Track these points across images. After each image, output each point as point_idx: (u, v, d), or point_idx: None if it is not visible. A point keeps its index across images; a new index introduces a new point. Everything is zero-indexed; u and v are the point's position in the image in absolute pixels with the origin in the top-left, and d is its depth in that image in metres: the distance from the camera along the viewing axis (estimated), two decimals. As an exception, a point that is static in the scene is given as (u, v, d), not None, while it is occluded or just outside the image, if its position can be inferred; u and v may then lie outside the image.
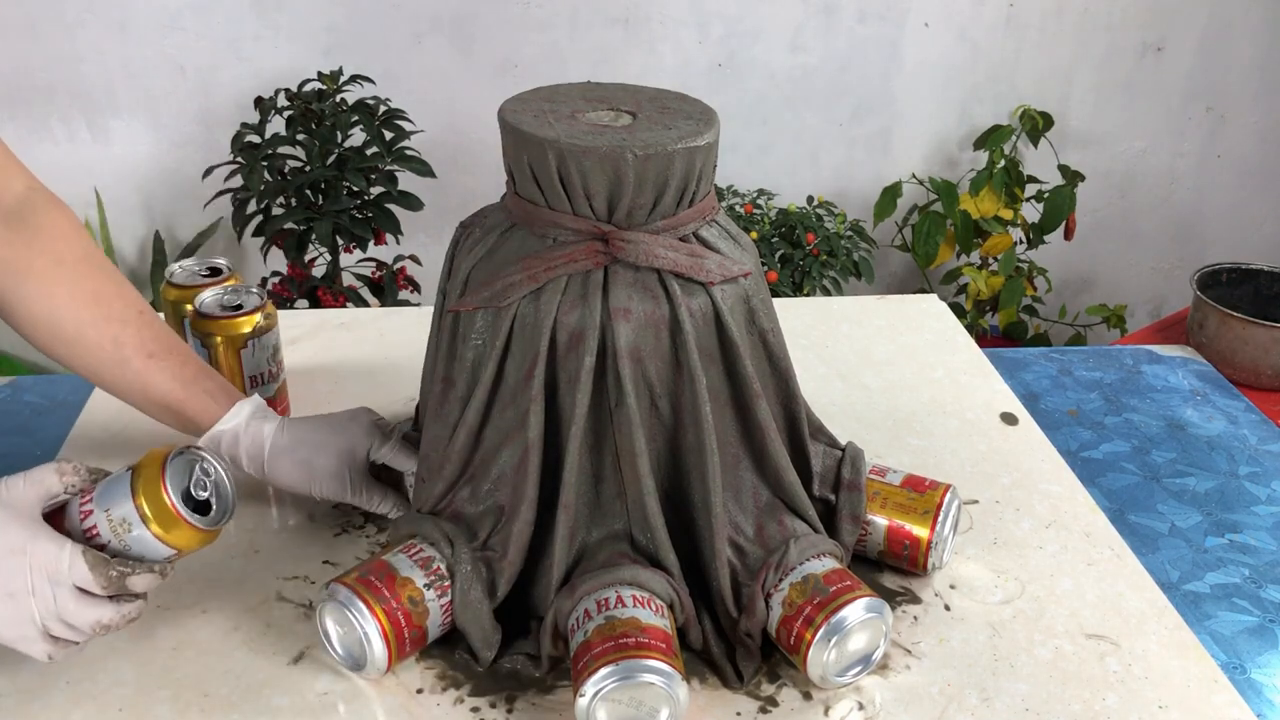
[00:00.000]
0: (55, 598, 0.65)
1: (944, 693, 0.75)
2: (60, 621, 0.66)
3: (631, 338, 0.73)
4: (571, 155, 0.72)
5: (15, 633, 0.66)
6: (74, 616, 0.66)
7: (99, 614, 0.67)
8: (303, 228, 2.04)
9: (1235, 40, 2.43)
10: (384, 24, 2.23)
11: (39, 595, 0.65)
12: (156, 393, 0.81)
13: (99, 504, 0.68)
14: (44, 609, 0.65)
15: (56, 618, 0.66)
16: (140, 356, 0.80)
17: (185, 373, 0.82)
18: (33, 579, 0.65)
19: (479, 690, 0.74)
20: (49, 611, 0.66)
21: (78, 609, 0.66)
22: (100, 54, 2.18)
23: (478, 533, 0.77)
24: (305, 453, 0.82)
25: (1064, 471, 1.00)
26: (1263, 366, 1.38)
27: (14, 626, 0.66)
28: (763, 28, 2.32)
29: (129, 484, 0.68)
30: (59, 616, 0.66)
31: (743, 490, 0.79)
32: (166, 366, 0.81)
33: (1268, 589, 0.94)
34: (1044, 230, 2.37)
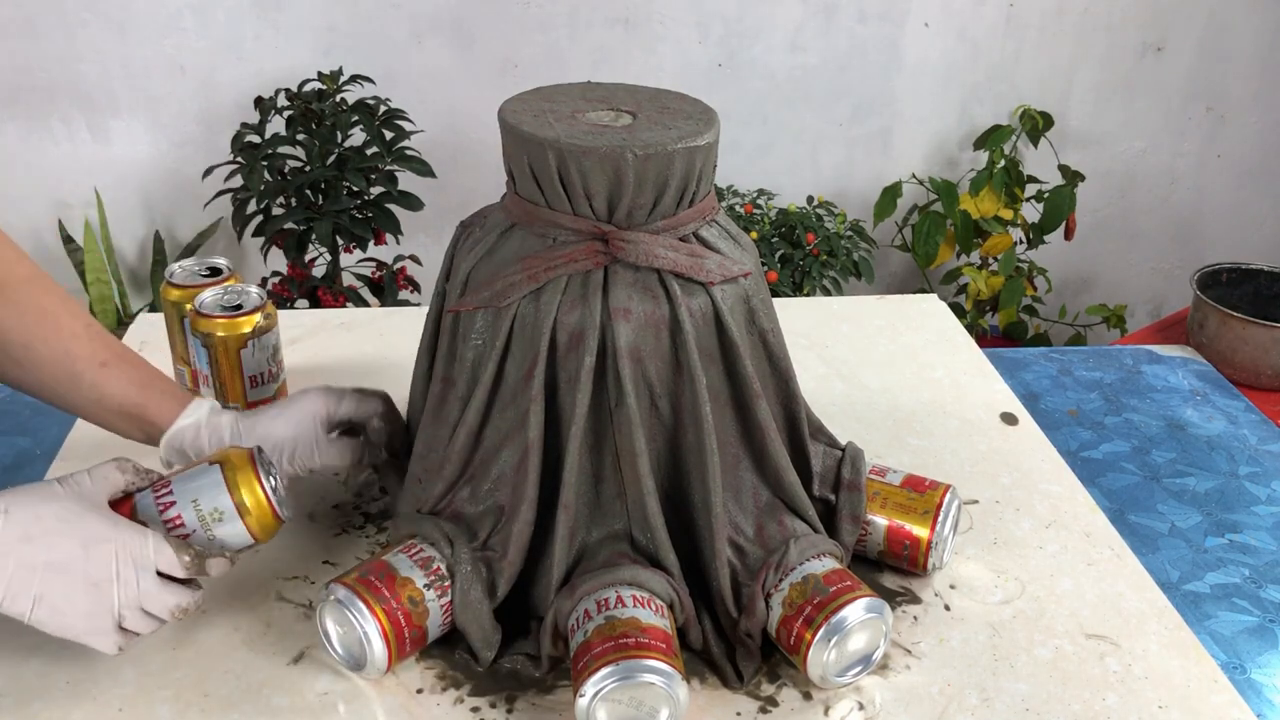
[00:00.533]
0: (139, 583, 0.68)
1: (944, 693, 0.75)
2: (138, 609, 0.69)
3: (631, 338, 0.73)
4: (571, 155, 0.72)
5: (90, 625, 0.68)
6: (154, 602, 0.69)
7: (179, 598, 0.70)
8: (303, 228, 2.04)
9: (1235, 40, 2.43)
10: (384, 24, 2.23)
11: (123, 582, 0.68)
12: (113, 401, 0.82)
13: (182, 496, 0.73)
14: (127, 596, 0.68)
15: (136, 605, 0.69)
16: (93, 367, 0.81)
17: (139, 377, 0.82)
18: (118, 566, 0.68)
19: (479, 690, 0.74)
20: (131, 599, 0.68)
21: (159, 593, 0.69)
22: (100, 54, 2.18)
23: (478, 533, 0.77)
24: (263, 429, 0.82)
25: (1064, 471, 1.00)
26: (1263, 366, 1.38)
27: (91, 618, 0.68)
28: (763, 28, 2.32)
29: (221, 479, 0.73)
30: (139, 603, 0.69)
31: (743, 490, 0.79)
32: (120, 373, 0.82)
33: (1268, 589, 0.94)
34: (1044, 230, 2.37)
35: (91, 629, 0.68)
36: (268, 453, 0.80)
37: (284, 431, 0.82)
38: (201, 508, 0.73)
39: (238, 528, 0.73)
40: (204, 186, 2.12)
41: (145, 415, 0.82)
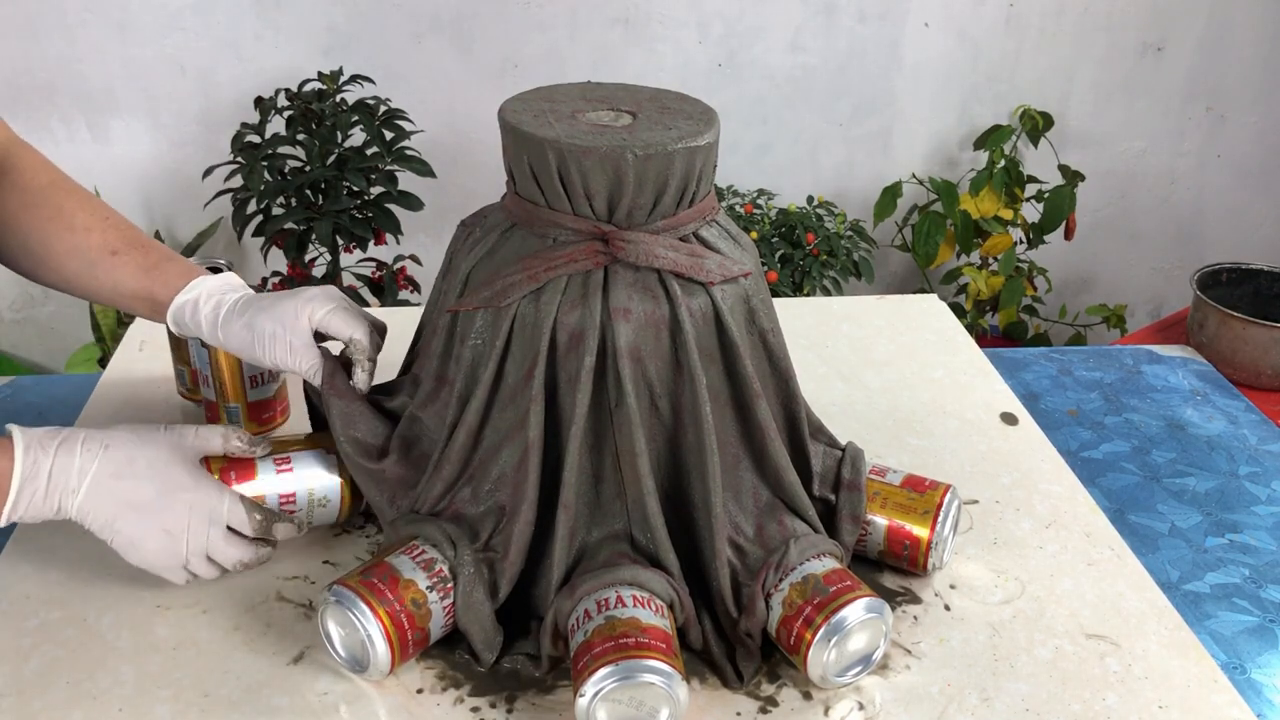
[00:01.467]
0: (208, 535, 0.76)
1: (944, 693, 0.75)
2: (204, 557, 0.77)
3: (631, 338, 0.73)
4: (572, 155, 0.72)
5: (160, 561, 0.76)
6: (220, 553, 0.77)
7: (242, 554, 0.78)
8: (303, 228, 2.04)
9: (1235, 40, 2.43)
10: (384, 24, 2.23)
11: (194, 533, 0.76)
12: (126, 286, 0.86)
13: (300, 479, 0.83)
14: (195, 545, 0.76)
15: (203, 553, 0.76)
16: (105, 256, 0.85)
17: (148, 261, 0.86)
18: (191, 518, 0.75)
19: (479, 690, 0.74)
20: (198, 548, 0.76)
21: (225, 547, 0.77)
22: (100, 54, 2.18)
23: (479, 533, 0.77)
24: (250, 315, 0.84)
25: (1064, 471, 1.00)
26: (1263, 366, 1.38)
27: (161, 556, 0.76)
28: (763, 28, 2.32)
29: (336, 469, 0.84)
30: (206, 552, 0.76)
31: (743, 490, 0.79)
32: (130, 259, 0.86)
33: (1268, 589, 0.94)
34: (1044, 230, 2.37)
35: (162, 565, 0.76)
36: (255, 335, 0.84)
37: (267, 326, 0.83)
38: (315, 491, 0.83)
39: (331, 513, 0.85)
40: (204, 186, 2.12)
41: (153, 296, 0.86)
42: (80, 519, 0.74)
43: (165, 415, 1.04)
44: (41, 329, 2.41)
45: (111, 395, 1.07)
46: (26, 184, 0.85)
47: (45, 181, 0.86)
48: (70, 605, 0.80)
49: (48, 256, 0.85)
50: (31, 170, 0.86)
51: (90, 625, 0.79)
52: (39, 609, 0.80)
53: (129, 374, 1.11)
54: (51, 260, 0.85)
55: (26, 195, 0.85)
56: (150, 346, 1.15)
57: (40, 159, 0.88)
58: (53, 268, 0.86)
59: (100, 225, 0.86)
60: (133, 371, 1.11)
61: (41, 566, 0.84)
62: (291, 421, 1.03)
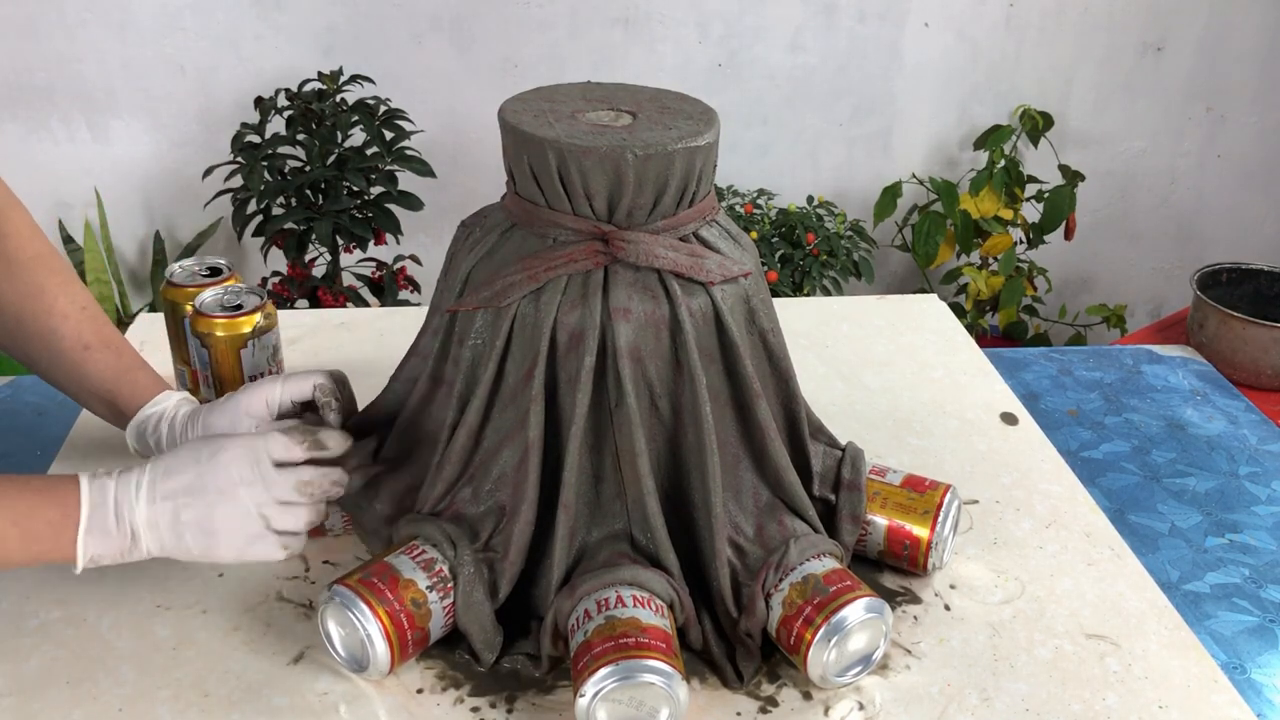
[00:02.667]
0: (262, 477, 0.71)
1: (944, 693, 0.75)
2: (275, 503, 0.72)
3: (631, 338, 0.73)
4: (572, 155, 0.72)
5: (243, 532, 0.71)
6: (282, 489, 0.72)
7: (304, 475, 0.73)
8: (303, 228, 2.04)
9: (1235, 40, 2.43)
10: (384, 24, 2.23)
11: (247, 481, 0.71)
12: (90, 384, 0.84)
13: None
14: (255, 494, 0.71)
15: (271, 499, 0.71)
16: (76, 349, 0.84)
17: (119, 364, 0.85)
18: (236, 468, 0.71)
19: (479, 690, 0.74)
20: (261, 496, 0.71)
21: (283, 480, 0.72)
22: (100, 54, 2.18)
23: (479, 533, 0.77)
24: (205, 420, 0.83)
25: (1064, 471, 1.00)
26: (1263, 366, 1.38)
27: (238, 525, 0.71)
28: (763, 28, 2.32)
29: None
30: (273, 496, 0.71)
31: (743, 490, 0.79)
32: (101, 359, 0.84)
33: (1268, 589, 0.94)
34: (1044, 230, 2.37)
35: (246, 537, 0.71)
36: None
37: (220, 422, 0.82)
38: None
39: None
40: (204, 186, 2.12)
41: (116, 402, 0.84)
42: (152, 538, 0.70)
43: (165, 415, 1.04)
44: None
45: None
46: (12, 253, 0.83)
47: (31, 254, 0.84)
48: (70, 605, 0.80)
49: (17, 331, 0.83)
50: (18, 238, 0.84)
51: (90, 625, 0.78)
52: (39, 609, 0.80)
53: (129, 374, 1.11)
54: (20, 336, 0.83)
55: (11, 266, 0.82)
56: (150, 347, 1.14)
57: (31, 226, 0.85)
58: (20, 343, 0.84)
59: (77, 315, 0.84)
60: (133, 371, 1.11)
61: (42, 567, 0.84)
62: (291, 421, 1.03)
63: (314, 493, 0.73)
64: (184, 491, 0.70)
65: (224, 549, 0.71)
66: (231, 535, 0.71)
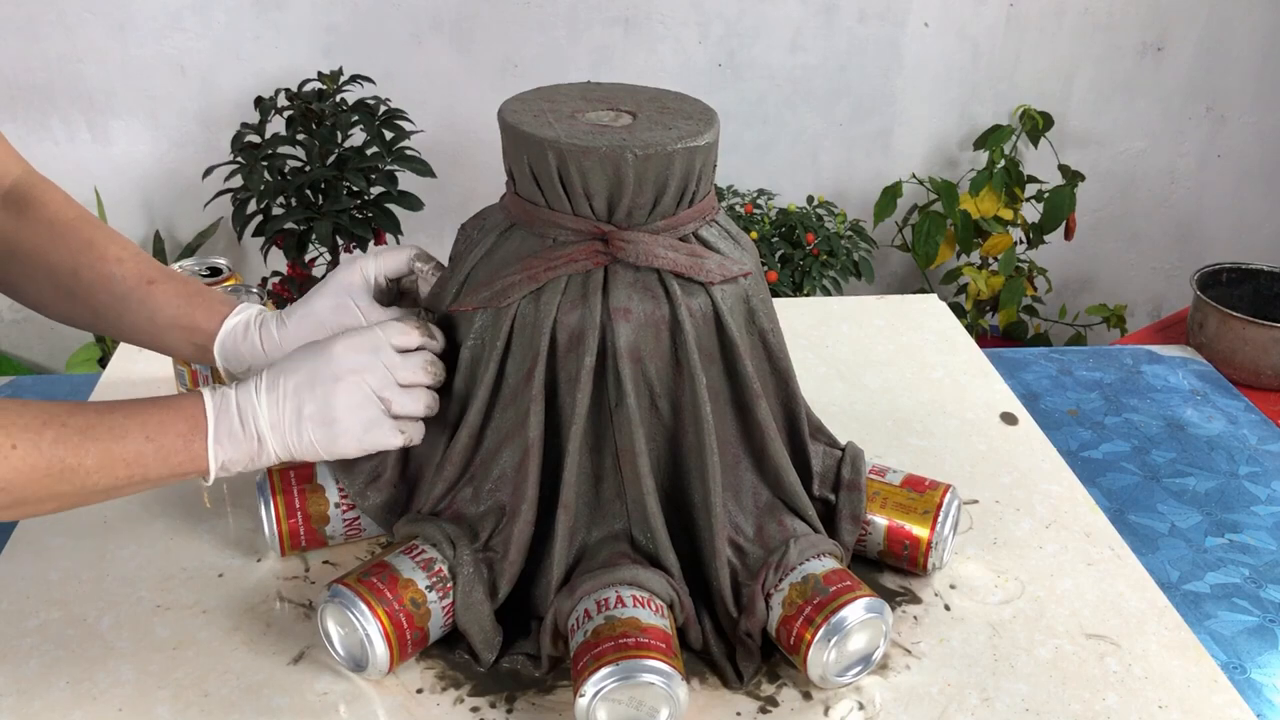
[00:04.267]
0: (383, 364, 0.73)
1: (944, 693, 0.75)
2: (395, 386, 0.73)
3: (631, 338, 0.73)
4: (571, 155, 0.72)
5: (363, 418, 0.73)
6: (405, 371, 0.74)
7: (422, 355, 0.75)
8: (303, 228, 2.04)
9: (1235, 40, 2.43)
10: (384, 24, 2.23)
11: (367, 368, 0.73)
12: (163, 316, 0.83)
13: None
14: (377, 378, 0.73)
15: (392, 382, 0.73)
16: (140, 286, 0.83)
17: (187, 289, 0.84)
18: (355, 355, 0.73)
19: (479, 690, 0.74)
20: (382, 379, 0.73)
21: (405, 362, 0.74)
22: (100, 54, 2.18)
23: (479, 533, 0.77)
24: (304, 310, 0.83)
25: (1064, 471, 1.00)
26: (1263, 366, 1.38)
27: (359, 411, 0.72)
28: (763, 28, 2.32)
29: None
30: (394, 379, 0.73)
31: (743, 490, 0.79)
32: (167, 289, 0.83)
33: (1268, 589, 0.94)
34: (1044, 230, 2.37)
35: (364, 423, 0.73)
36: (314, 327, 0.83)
37: (324, 304, 0.82)
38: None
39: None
40: (204, 186, 2.12)
41: (195, 324, 0.83)
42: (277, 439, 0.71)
43: (165, 415, 1.04)
44: (41, 329, 2.41)
45: (111, 395, 1.07)
46: (53, 217, 0.84)
47: (73, 215, 0.84)
48: (70, 605, 0.80)
49: (77, 288, 0.83)
50: (56, 205, 0.85)
51: (90, 625, 0.79)
52: (39, 609, 0.80)
53: (129, 374, 1.11)
54: (81, 291, 0.83)
55: (55, 228, 0.83)
56: (150, 346, 1.15)
57: (64, 195, 0.86)
58: (81, 299, 0.83)
59: (134, 257, 0.84)
60: (133, 371, 1.11)
61: (41, 566, 0.84)
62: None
63: (436, 373, 0.76)
64: (303, 386, 0.72)
65: (343, 438, 0.72)
66: (350, 422, 0.72)
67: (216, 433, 0.70)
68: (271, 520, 0.82)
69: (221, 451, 0.71)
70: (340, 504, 0.83)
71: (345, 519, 0.84)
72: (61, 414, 0.67)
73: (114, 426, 0.68)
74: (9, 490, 0.64)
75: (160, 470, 0.69)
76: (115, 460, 0.67)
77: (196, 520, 0.89)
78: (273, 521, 0.82)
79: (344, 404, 0.72)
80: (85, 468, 0.66)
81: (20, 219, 0.83)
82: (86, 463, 0.66)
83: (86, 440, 0.66)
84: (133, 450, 0.68)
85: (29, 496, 0.65)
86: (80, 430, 0.66)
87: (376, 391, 0.73)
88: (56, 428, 0.66)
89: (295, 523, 0.82)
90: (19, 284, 0.85)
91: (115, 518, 0.89)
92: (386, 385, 0.73)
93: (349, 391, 0.72)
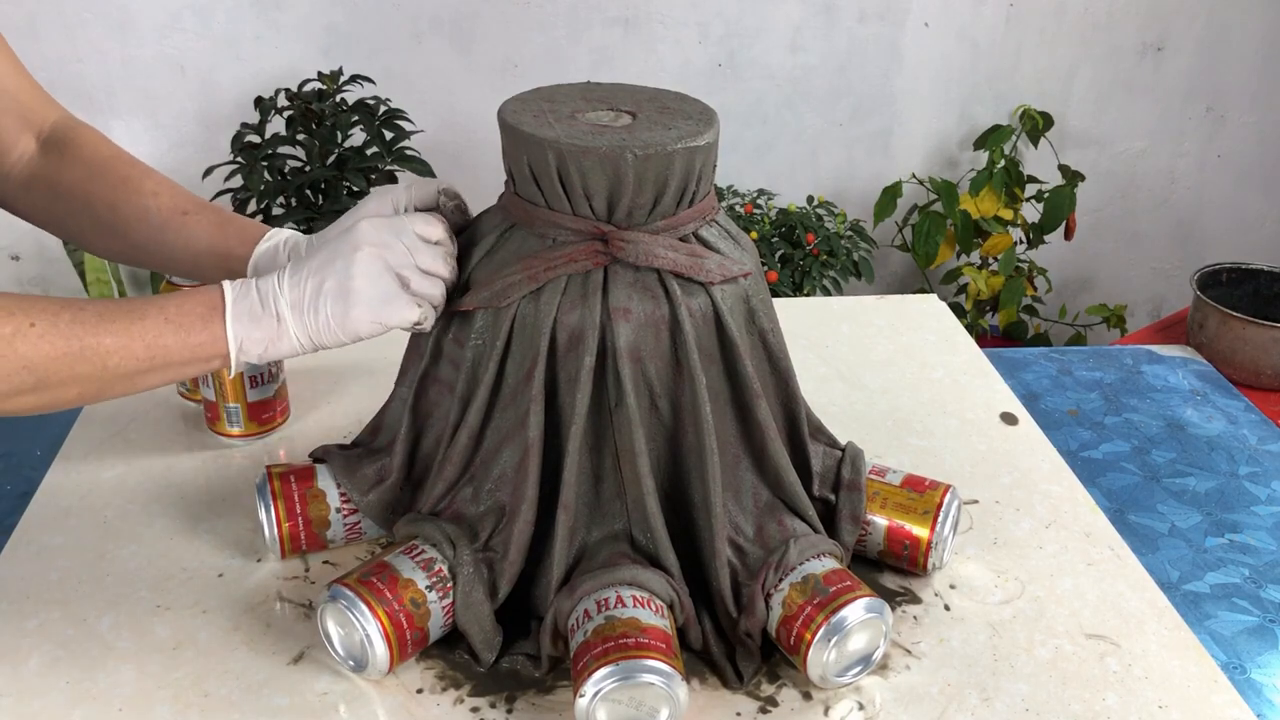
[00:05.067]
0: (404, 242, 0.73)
1: (944, 693, 0.75)
2: (415, 269, 0.74)
3: (631, 338, 0.73)
4: (571, 155, 0.72)
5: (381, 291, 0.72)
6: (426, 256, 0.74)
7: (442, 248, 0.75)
8: (303, 228, 2.04)
9: (1235, 40, 2.43)
10: (384, 24, 2.23)
11: (389, 246, 0.73)
12: (199, 243, 0.85)
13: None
14: (397, 256, 0.73)
15: (412, 264, 0.74)
16: (175, 216, 0.85)
17: (221, 218, 0.86)
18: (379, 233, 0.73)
19: (479, 690, 0.74)
20: (403, 258, 0.73)
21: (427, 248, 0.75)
22: (100, 54, 2.18)
23: (479, 533, 0.77)
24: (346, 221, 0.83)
25: (1064, 471, 1.00)
26: (1263, 366, 1.38)
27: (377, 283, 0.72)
28: (763, 28, 2.32)
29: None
30: (414, 261, 0.74)
31: (743, 490, 0.79)
32: (202, 218, 0.86)
33: (1268, 589, 0.94)
34: (1044, 230, 2.37)
35: (383, 295, 0.72)
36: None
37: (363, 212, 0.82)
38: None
39: None
40: (204, 186, 2.11)
41: (229, 250, 0.85)
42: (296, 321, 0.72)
43: (164, 415, 1.04)
44: (41, 329, 2.41)
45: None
46: (90, 156, 0.86)
47: (109, 153, 0.87)
48: (70, 605, 0.80)
49: (115, 222, 0.85)
50: (93, 144, 0.87)
51: (90, 625, 0.79)
52: (39, 609, 0.80)
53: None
54: (119, 225, 0.85)
55: (92, 166, 0.86)
56: (150, 346, 1.14)
57: (100, 135, 0.89)
58: (120, 233, 0.86)
59: (169, 190, 0.86)
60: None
61: (41, 566, 0.84)
62: (291, 421, 1.03)
63: (454, 268, 0.76)
64: (325, 263, 0.72)
65: (359, 309, 0.72)
66: (368, 292, 0.72)
67: (235, 312, 0.71)
68: (272, 523, 0.82)
69: (240, 330, 0.71)
70: (342, 508, 0.83)
71: (346, 523, 0.84)
72: (79, 301, 0.68)
73: (132, 310, 0.69)
74: (31, 369, 0.65)
75: (180, 351, 0.70)
76: (134, 339, 0.68)
77: (196, 520, 0.89)
78: (273, 525, 0.82)
79: (362, 273, 0.72)
80: (105, 347, 0.67)
81: (61, 160, 0.86)
82: (105, 342, 0.67)
83: (104, 321, 0.67)
84: (151, 330, 0.68)
85: (50, 378, 0.66)
86: (97, 313, 0.68)
87: (395, 267, 0.73)
88: (74, 310, 0.67)
89: (296, 526, 0.82)
90: (64, 222, 0.87)
91: (115, 518, 0.89)
92: (405, 264, 0.74)
93: (368, 261, 0.72)
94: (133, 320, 0.68)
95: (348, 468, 0.83)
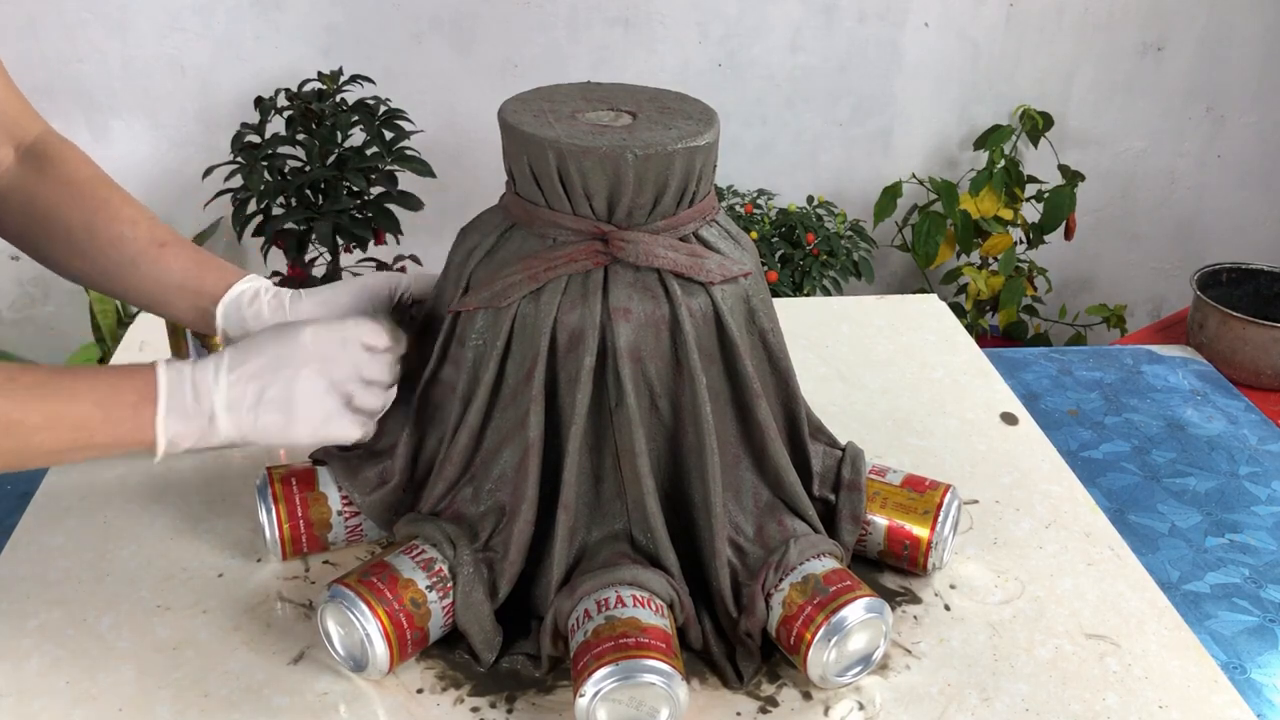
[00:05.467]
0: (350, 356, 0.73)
1: (944, 693, 0.75)
2: (360, 380, 0.74)
3: (631, 338, 0.73)
4: (571, 155, 0.72)
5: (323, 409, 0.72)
6: (371, 368, 0.74)
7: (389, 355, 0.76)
8: (303, 228, 2.04)
9: (1235, 40, 2.43)
10: (384, 24, 2.23)
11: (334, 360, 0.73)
12: (171, 277, 0.84)
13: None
14: (341, 370, 0.73)
15: (357, 376, 0.74)
16: (152, 247, 0.84)
17: (198, 256, 0.85)
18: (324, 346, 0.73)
19: (479, 690, 0.74)
20: (347, 372, 0.73)
21: (372, 360, 0.75)
22: (100, 54, 2.18)
23: (479, 533, 0.77)
24: (324, 297, 0.83)
25: (1064, 471, 1.00)
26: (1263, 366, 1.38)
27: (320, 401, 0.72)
28: (763, 28, 2.32)
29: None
30: (359, 374, 0.74)
31: (743, 490, 0.79)
32: (179, 253, 0.85)
33: (1268, 589, 0.94)
34: (1044, 230, 2.37)
35: (324, 413, 0.72)
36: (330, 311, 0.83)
37: (345, 300, 0.83)
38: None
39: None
40: (204, 186, 2.11)
41: (202, 288, 0.84)
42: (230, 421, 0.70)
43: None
44: (41, 329, 2.41)
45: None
46: (71, 176, 0.85)
47: (90, 174, 0.86)
48: (70, 605, 0.80)
49: (89, 246, 0.83)
50: (75, 163, 0.87)
51: (90, 625, 0.79)
52: (39, 609, 0.80)
53: (129, 374, 1.11)
54: (92, 249, 0.83)
55: (71, 186, 0.85)
56: (150, 347, 1.14)
57: (83, 154, 0.88)
58: (90, 257, 0.84)
59: (147, 220, 0.85)
60: (133, 371, 1.11)
61: (41, 566, 0.84)
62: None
63: (397, 373, 0.77)
64: (266, 370, 0.71)
65: (300, 425, 0.72)
66: (310, 411, 0.72)
67: (168, 405, 0.69)
68: (273, 526, 0.82)
69: (171, 425, 0.69)
70: (343, 510, 0.83)
71: (348, 525, 0.84)
72: (13, 370, 0.66)
73: (63, 388, 0.67)
74: None
75: (106, 437, 0.68)
76: (62, 421, 0.66)
77: (196, 520, 0.89)
78: (274, 527, 0.82)
79: (304, 391, 0.72)
80: (30, 424, 0.65)
81: (40, 175, 0.85)
82: (32, 419, 0.65)
83: (33, 398, 0.66)
84: (80, 413, 0.67)
85: None
86: (28, 387, 0.66)
87: (339, 383, 0.73)
88: (4, 381, 0.65)
89: (297, 529, 0.82)
90: (36, 240, 0.85)
91: (115, 517, 0.89)
92: (350, 378, 0.73)
93: (311, 380, 0.72)
94: (62, 401, 0.66)
95: (349, 470, 0.83)
